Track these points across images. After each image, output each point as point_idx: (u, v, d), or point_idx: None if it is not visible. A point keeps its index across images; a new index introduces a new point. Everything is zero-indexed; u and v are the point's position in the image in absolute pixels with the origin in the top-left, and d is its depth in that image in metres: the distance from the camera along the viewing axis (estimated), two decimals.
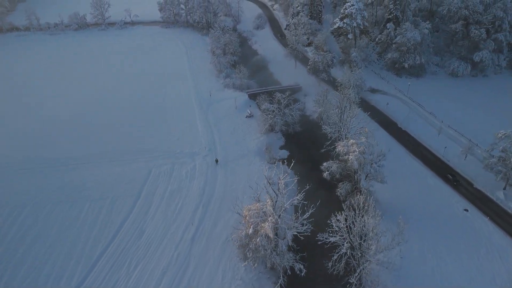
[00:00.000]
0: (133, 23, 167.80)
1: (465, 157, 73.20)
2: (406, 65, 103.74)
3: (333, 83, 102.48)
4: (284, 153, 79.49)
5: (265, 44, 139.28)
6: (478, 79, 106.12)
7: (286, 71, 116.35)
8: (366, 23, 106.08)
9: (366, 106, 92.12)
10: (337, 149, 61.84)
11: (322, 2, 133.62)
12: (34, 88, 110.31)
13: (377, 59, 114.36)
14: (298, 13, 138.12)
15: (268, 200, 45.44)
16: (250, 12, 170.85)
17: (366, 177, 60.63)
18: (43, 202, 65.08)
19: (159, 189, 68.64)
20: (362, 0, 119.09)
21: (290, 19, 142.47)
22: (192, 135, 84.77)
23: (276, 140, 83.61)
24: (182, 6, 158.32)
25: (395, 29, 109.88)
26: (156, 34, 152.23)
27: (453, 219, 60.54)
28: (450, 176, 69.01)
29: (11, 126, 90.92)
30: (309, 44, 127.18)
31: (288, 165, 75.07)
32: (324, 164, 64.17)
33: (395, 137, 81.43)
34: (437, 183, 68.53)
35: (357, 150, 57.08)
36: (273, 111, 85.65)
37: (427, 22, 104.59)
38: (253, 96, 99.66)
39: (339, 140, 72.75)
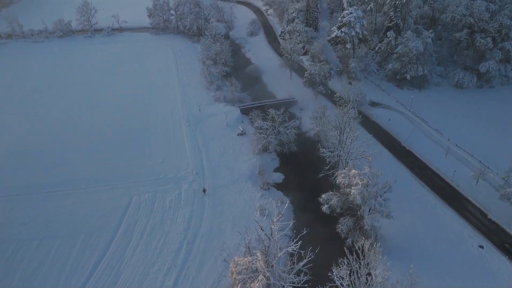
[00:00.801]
0: (121, 29, 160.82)
1: (477, 181, 66.87)
2: (408, 77, 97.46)
3: (331, 97, 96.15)
4: (279, 177, 72.81)
5: (259, 52, 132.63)
6: (484, 90, 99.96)
7: (281, 82, 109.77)
8: (365, 31, 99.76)
9: (366, 122, 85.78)
10: (337, 180, 55.21)
11: (318, 9, 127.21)
12: (4, 105, 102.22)
13: (377, 69, 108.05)
14: (293, 19, 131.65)
15: (258, 254, 38.63)
16: (244, 18, 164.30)
17: (369, 210, 54.03)
18: (6, 241, 57.77)
19: (139, 222, 61.58)
20: (361, 6, 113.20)
21: (285, 26, 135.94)
22: (179, 156, 77.82)
23: (270, 161, 76.87)
24: (172, 11, 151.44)
25: (396, 38, 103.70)
26: (144, 42, 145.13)
27: (467, 258, 54.04)
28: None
29: None
30: (305, 53, 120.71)
31: (283, 190, 69.89)
32: (323, 196, 57.45)
33: (399, 159, 74.95)
34: (447, 213, 62.01)
35: (360, 183, 50.47)
36: (267, 129, 79.01)
37: (430, 30, 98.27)
38: (245, 111, 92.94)
39: (339, 164, 66.27)
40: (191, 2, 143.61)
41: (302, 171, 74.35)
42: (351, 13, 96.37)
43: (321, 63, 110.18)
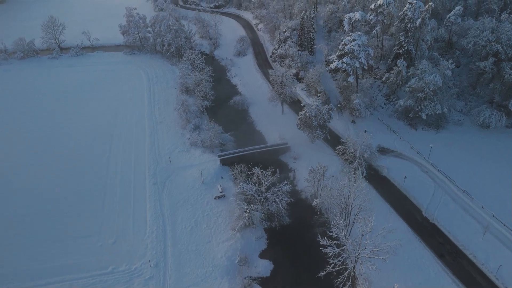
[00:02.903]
0: (93, 48, 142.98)
1: None
2: (423, 116, 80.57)
3: (331, 142, 79.11)
4: (266, 267, 55.21)
5: (247, 77, 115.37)
6: None
7: (271, 118, 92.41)
8: (371, 61, 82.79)
9: (375, 178, 69.10)
10: None
11: (314, 28, 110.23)
12: None
13: (384, 103, 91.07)
14: (285, 40, 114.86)
15: None
16: (231, 33, 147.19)
17: None
18: None
19: None
20: (364, 29, 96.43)
21: (276, 46, 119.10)
22: (136, 233, 60.10)
23: (255, 241, 59.18)
24: (149, 28, 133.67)
25: (407, 67, 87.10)
26: (116, 64, 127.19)
27: None
28: None
29: None
30: (299, 80, 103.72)
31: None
32: None
33: (422, 238, 57.68)
34: None
35: None
36: (252, 194, 61.61)
37: (450, 61, 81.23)
38: (227, 161, 75.63)
39: (346, 261, 48.92)
40: (168, 19, 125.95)
41: (297, 256, 56.87)
42: (354, 40, 79.32)
43: (318, 95, 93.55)
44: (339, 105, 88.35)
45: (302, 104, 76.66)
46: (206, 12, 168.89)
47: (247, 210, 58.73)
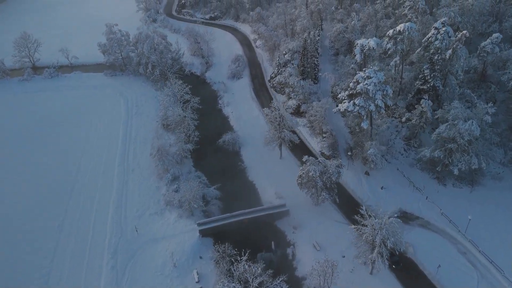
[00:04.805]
0: (71, 67, 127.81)
1: None
2: (455, 171, 64.47)
3: (340, 202, 63.33)
4: None
5: (241, 107, 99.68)
6: None
7: (267, 164, 76.67)
8: (389, 102, 66.84)
9: (399, 263, 53.06)
10: None
11: (318, 52, 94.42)
12: None
13: (404, 149, 75.10)
14: (285, 63, 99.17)
15: None
16: (226, 50, 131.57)
17: None
18: None
19: None
20: (384, 58, 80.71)
21: (276, 70, 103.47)
22: None
23: None
24: (132, 47, 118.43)
25: (434, 104, 71.39)
26: (94, 88, 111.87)
27: None
28: None
29: None
30: (300, 114, 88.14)
31: None
32: None
33: None
34: None
35: None
36: None
37: (490, 104, 65.09)
38: (209, 232, 60.05)
39: None
40: (153, 38, 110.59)
41: None
42: (368, 77, 63.40)
43: (324, 136, 77.78)
44: (349, 153, 72.38)
45: (304, 159, 60.53)
46: (201, 25, 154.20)
47: None
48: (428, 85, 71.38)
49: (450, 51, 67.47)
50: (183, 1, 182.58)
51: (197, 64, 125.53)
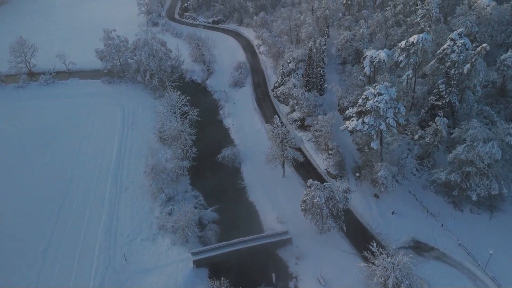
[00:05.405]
0: (69, 73, 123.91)
1: None
2: (473, 196, 59.13)
3: (348, 229, 58.21)
4: None
5: (242, 118, 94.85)
6: None
7: (269, 184, 71.70)
8: (402, 120, 61.60)
9: None
10: None
11: (324, 62, 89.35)
12: None
13: (416, 169, 69.74)
14: (289, 73, 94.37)
15: None
16: (229, 55, 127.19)
17: None
18: None
19: None
20: (391, 68, 75.55)
21: (279, 79, 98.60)
22: None
23: None
24: (131, 53, 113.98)
25: (449, 122, 66.07)
26: (90, 96, 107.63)
27: None
28: None
29: None
30: (305, 128, 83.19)
31: None
32: None
33: None
34: None
35: None
36: None
37: (511, 124, 59.82)
38: (204, 263, 55.22)
39: None
40: (152, 44, 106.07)
41: None
42: (379, 94, 58.23)
43: (330, 153, 72.76)
44: (357, 174, 67.22)
45: (308, 184, 55.65)
46: (204, 29, 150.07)
47: None
48: (444, 101, 66.05)
49: (468, 65, 62.11)
50: (185, 5, 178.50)
51: (198, 71, 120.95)
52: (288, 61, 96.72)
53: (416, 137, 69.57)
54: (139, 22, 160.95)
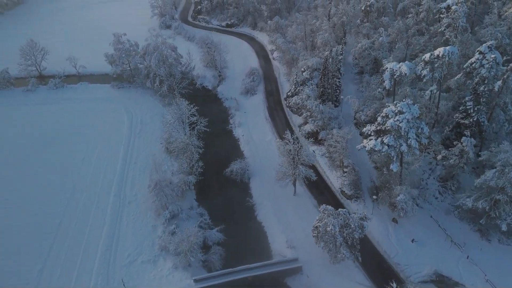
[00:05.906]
0: (79, 77, 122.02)
1: None
2: (503, 226, 53.97)
3: (363, 263, 53.65)
4: None
5: (253, 128, 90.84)
6: None
7: (279, 202, 67.53)
8: (425, 140, 56.67)
9: None
10: None
11: (340, 72, 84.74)
12: None
13: (439, 192, 64.57)
14: (303, 82, 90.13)
15: None
16: (242, 61, 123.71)
17: None
18: None
19: None
20: (415, 91, 70.50)
21: (293, 88, 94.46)
22: None
23: None
24: (141, 58, 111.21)
25: (476, 144, 60.85)
26: (98, 101, 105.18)
27: None
28: None
29: None
30: (318, 142, 78.68)
31: None
32: None
33: None
34: None
35: None
36: None
37: None
38: None
39: None
40: (162, 49, 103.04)
41: None
42: (401, 112, 53.55)
43: (344, 170, 68.22)
44: (374, 197, 62.56)
45: (321, 209, 51.37)
46: (217, 32, 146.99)
47: None
48: (471, 120, 60.86)
49: (499, 82, 56.83)
50: (199, 7, 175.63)
51: (209, 77, 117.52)
52: (302, 69, 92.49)
53: (439, 157, 64.38)
54: (152, 24, 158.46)
